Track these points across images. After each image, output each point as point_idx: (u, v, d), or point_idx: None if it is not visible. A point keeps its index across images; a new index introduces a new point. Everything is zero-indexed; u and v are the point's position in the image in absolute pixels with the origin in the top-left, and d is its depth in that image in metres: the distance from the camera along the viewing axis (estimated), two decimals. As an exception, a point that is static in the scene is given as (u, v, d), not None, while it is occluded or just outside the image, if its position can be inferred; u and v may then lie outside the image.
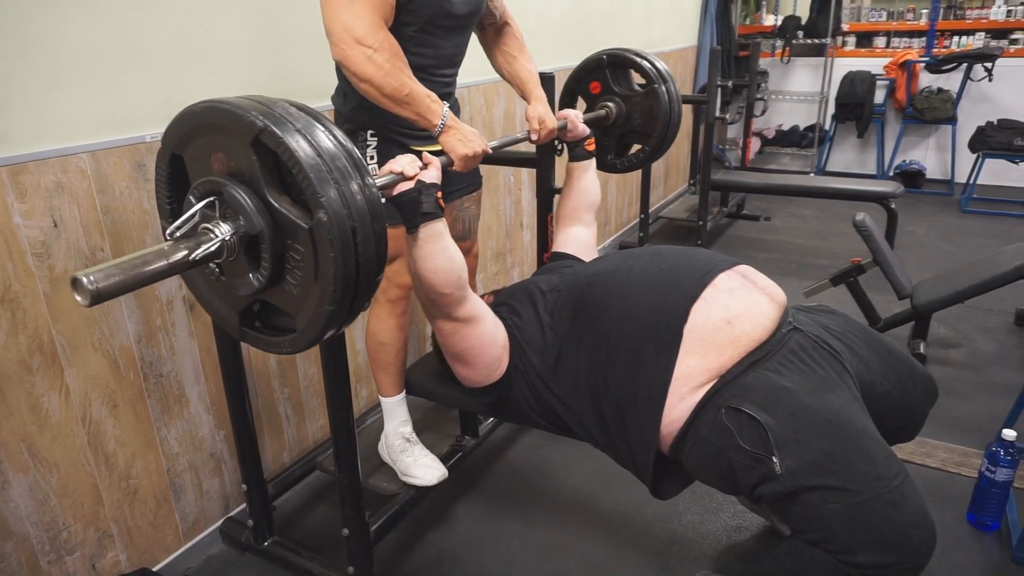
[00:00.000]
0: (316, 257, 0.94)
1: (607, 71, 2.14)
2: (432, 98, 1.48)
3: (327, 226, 0.91)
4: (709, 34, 5.11)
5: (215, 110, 0.98)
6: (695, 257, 1.37)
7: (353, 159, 0.97)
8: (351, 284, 0.96)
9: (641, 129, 2.13)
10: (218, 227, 0.96)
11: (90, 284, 0.81)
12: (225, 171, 1.00)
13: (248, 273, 1.00)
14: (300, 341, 1.03)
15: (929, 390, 1.44)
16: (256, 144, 0.94)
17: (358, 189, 0.95)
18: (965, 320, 3.04)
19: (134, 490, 1.65)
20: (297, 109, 0.98)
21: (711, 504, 1.95)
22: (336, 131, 0.98)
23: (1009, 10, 5.15)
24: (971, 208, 4.69)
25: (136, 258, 0.88)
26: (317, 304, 0.97)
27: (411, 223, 1.26)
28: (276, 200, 0.96)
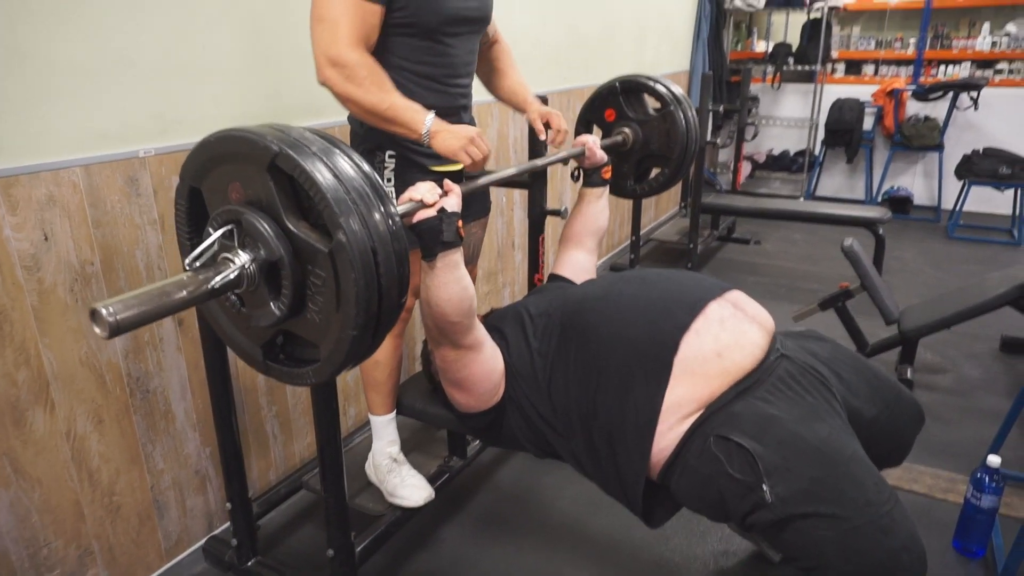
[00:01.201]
0: (337, 281, 0.93)
1: (620, 98, 2.15)
2: (414, 108, 1.48)
3: (346, 247, 0.90)
4: (701, 59, 5.18)
5: (230, 138, 0.97)
6: (685, 284, 1.38)
7: (371, 183, 0.96)
8: (374, 307, 0.94)
9: (659, 152, 2.12)
10: (237, 255, 0.95)
11: (109, 316, 0.79)
12: (243, 200, 0.99)
13: (269, 302, 0.98)
14: (324, 370, 1.01)
15: (916, 416, 1.45)
16: (272, 169, 0.93)
17: (379, 214, 0.94)
18: (951, 346, 3.06)
19: (117, 507, 1.64)
20: (313, 134, 0.97)
21: (699, 528, 1.94)
22: (354, 155, 0.97)
23: (994, 41, 5.26)
24: (957, 235, 4.75)
25: (155, 289, 0.87)
26: (340, 330, 0.95)
27: (430, 252, 1.23)
28: (295, 225, 0.95)
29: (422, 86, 1.60)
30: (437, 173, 1.70)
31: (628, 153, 2.15)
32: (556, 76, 3.29)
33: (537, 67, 3.11)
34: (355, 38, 1.44)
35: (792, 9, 5.40)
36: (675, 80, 4.95)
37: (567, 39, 3.35)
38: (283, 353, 1.08)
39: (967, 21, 5.48)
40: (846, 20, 5.93)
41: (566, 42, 3.34)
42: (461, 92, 1.68)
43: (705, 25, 5.15)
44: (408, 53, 1.55)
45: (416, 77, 1.59)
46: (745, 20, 6.13)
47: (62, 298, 1.45)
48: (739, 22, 6.08)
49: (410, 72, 1.58)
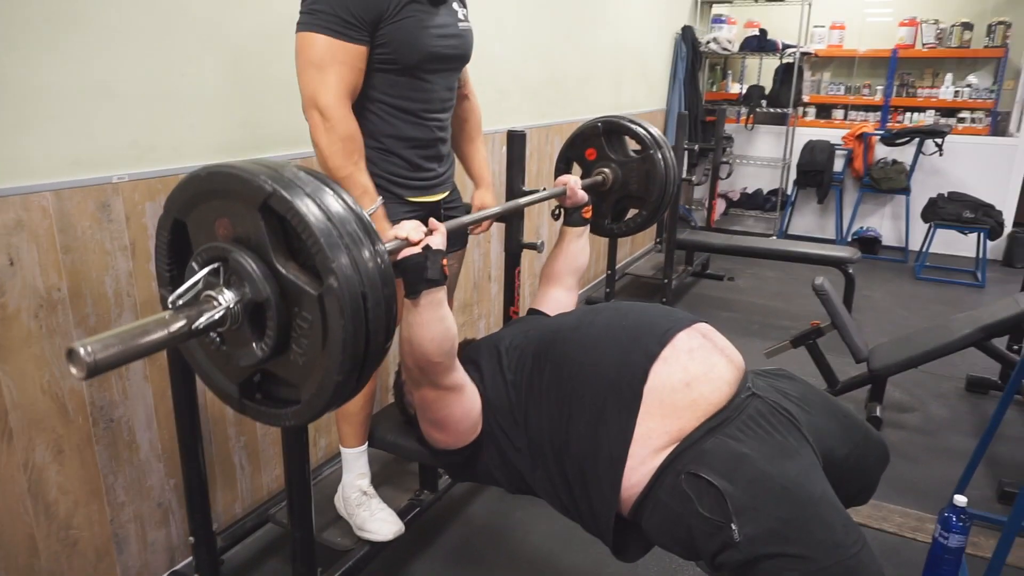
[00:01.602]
0: (325, 325, 0.91)
1: (602, 138, 2.19)
2: (366, 191, 1.53)
3: (338, 292, 0.88)
4: (677, 99, 5.30)
5: (222, 174, 0.96)
6: (655, 315, 1.39)
7: (363, 224, 0.95)
8: (360, 352, 0.93)
9: (637, 194, 2.16)
10: (222, 294, 0.93)
11: (87, 356, 0.77)
12: (231, 236, 0.97)
13: (251, 342, 0.96)
14: (304, 413, 0.99)
15: (882, 455, 1.47)
16: (264, 209, 0.92)
17: (369, 256, 0.93)
18: (919, 385, 3.11)
19: (74, 541, 1.58)
20: (306, 173, 0.96)
21: (671, 565, 1.93)
22: (345, 195, 0.96)
23: (956, 91, 5.46)
24: (924, 275, 4.86)
25: (136, 328, 0.84)
26: (324, 374, 0.93)
27: (413, 289, 1.22)
28: (283, 266, 0.93)
29: (401, 119, 1.62)
30: (415, 203, 1.72)
31: (607, 193, 2.18)
32: (534, 111, 3.34)
33: (516, 102, 3.16)
34: (343, 91, 1.49)
35: (766, 54, 5.57)
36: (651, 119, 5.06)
37: (546, 76, 3.41)
38: (260, 392, 1.06)
39: (931, 71, 5.69)
40: (817, 66, 6.13)
41: (545, 79, 3.40)
42: (439, 125, 1.71)
43: (681, 66, 5.28)
44: (388, 88, 1.58)
45: (395, 111, 1.61)
46: (720, 63, 6.30)
47: (25, 324, 1.42)
48: (714, 64, 6.25)
49: (389, 106, 1.60)
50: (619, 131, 2.20)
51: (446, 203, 1.82)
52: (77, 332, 1.51)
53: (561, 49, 3.52)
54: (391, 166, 1.64)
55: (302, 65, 1.48)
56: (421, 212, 1.75)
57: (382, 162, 1.61)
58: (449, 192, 1.83)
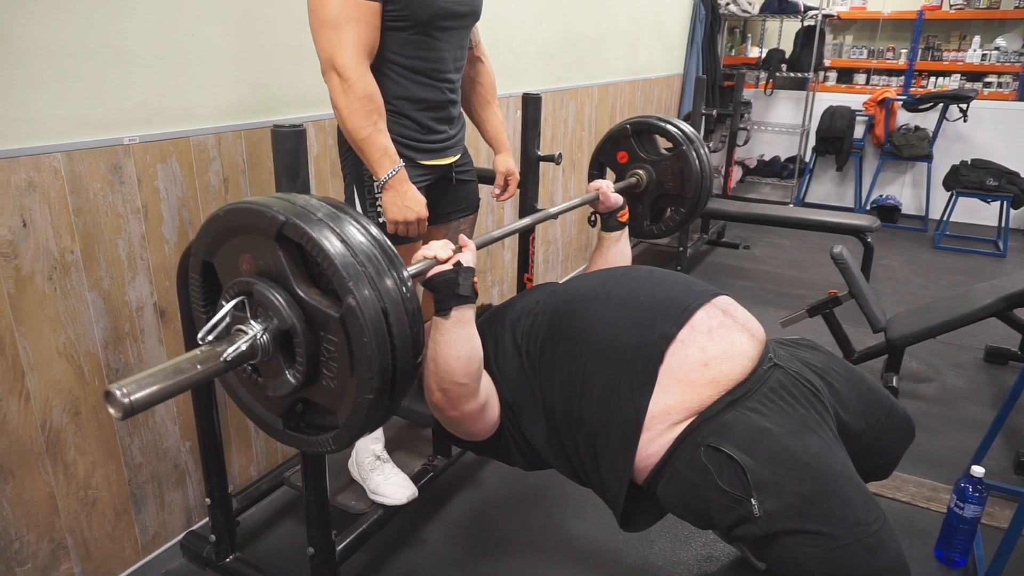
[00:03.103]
0: (350, 345, 0.93)
1: (632, 139, 2.16)
2: (386, 153, 1.51)
3: (357, 311, 0.90)
4: (695, 63, 5.19)
5: (238, 211, 0.98)
6: (675, 288, 1.35)
7: (380, 245, 0.96)
8: (389, 370, 0.94)
9: (674, 192, 2.13)
10: (249, 326, 0.95)
11: (123, 397, 0.79)
12: (254, 270, 1.00)
13: (284, 371, 0.99)
14: (343, 436, 1.01)
15: (906, 430, 1.44)
16: (280, 238, 0.94)
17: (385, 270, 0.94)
18: (937, 355, 3.08)
19: (93, 500, 1.60)
20: (318, 200, 0.98)
21: (683, 533, 1.94)
22: (360, 218, 0.98)
23: (984, 54, 5.31)
24: (944, 244, 4.79)
25: (170, 366, 0.87)
26: (356, 395, 0.95)
27: (444, 305, 1.20)
28: (305, 292, 0.95)
29: (412, 80, 1.59)
30: (426, 167, 1.69)
31: (643, 194, 2.16)
32: (549, 75, 3.28)
33: (530, 63, 3.10)
34: (360, 50, 1.46)
35: (786, 16, 5.42)
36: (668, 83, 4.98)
37: (561, 38, 3.33)
38: (303, 421, 1.08)
39: (958, 34, 5.53)
40: (839, 29, 5.97)
41: (560, 41, 3.33)
42: (450, 87, 1.68)
43: (700, 29, 5.16)
44: (399, 47, 1.55)
45: (406, 71, 1.58)
46: (740, 26, 6.15)
47: (40, 286, 1.42)
48: (733, 27, 6.10)
49: (400, 66, 1.57)
50: (649, 130, 2.18)
51: (457, 166, 1.80)
52: (91, 295, 1.51)
53: (576, 9, 3.43)
54: (402, 128, 1.62)
55: (317, 26, 1.45)
56: (433, 175, 1.73)
57: (393, 124, 1.58)
58: (460, 155, 1.80)
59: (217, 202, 1.75)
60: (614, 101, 4.02)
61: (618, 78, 4.05)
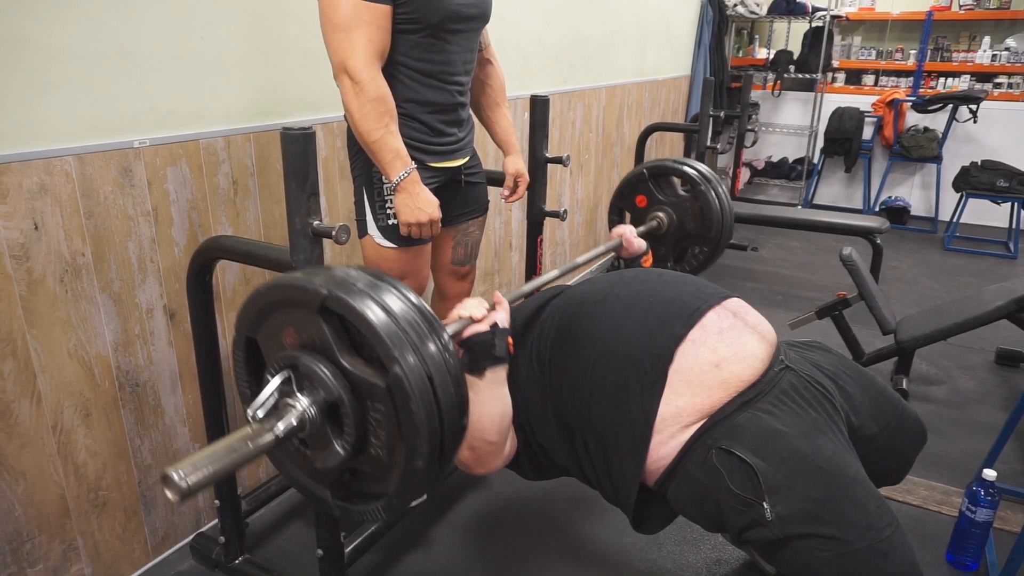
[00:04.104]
0: (397, 414, 0.93)
1: (649, 183, 2.18)
2: (398, 155, 1.51)
3: (403, 379, 0.91)
4: (702, 64, 5.17)
5: (279, 286, 1.00)
6: (684, 290, 1.34)
7: (421, 311, 0.98)
8: (437, 435, 0.95)
9: (696, 232, 2.15)
10: (297, 400, 0.96)
11: (180, 480, 0.81)
12: (297, 343, 1.01)
13: (332, 442, 1.00)
14: (394, 504, 1.02)
15: (918, 434, 1.43)
16: (323, 311, 0.95)
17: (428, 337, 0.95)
18: (947, 357, 3.06)
19: (103, 502, 1.61)
20: (357, 271, 1.00)
21: (691, 535, 1.93)
22: (399, 285, 0.99)
23: (994, 55, 5.27)
24: (954, 246, 4.75)
25: (223, 447, 0.89)
26: (406, 463, 0.96)
27: (479, 366, 1.21)
28: (350, 363, 0.96)
29: (422, 83, 1.60)
30: (436, 168, 1.70)
31: (664, 236, 2.17)
32: (556, 77, 3.28)
33: (538, 65, 3.10)
34: (371, 53, 1.47)
35: (794, 17, 5.40)
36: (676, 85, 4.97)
37: (568, 40, 3.34)
38: (351, 490, 1.09)
39: (967, 34, 5.50)
40: (847, 30, 5.94)
41: (567, 43, 3.33)
42: (459, 90, 1.69)
43: (707, 30, 5.15)
44: (409, 50, 1.55)
45: (416, 74, 1.59)
46: (747, 27, 6.13)
47: (51, 289, 1.43)
48: (741, 28, 6.09)
49: (410, 69, 1.58)
50: (665, 173, 2.20)
51: (467, 168, 1.80)
52: (102, 297, 1.52)
53: (584, 11, 3.43)
54: (412, 131, 1.62)
55: (328, 29, 1.46)
56: (442, 177, 1.73)
57: (402, 127, 1.58)
58: (469, 157, 1.80)
59: (226, 204, 1.76)
60: (622, 103, 4.02)
61: (626, 80, 4.04)
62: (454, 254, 1.90)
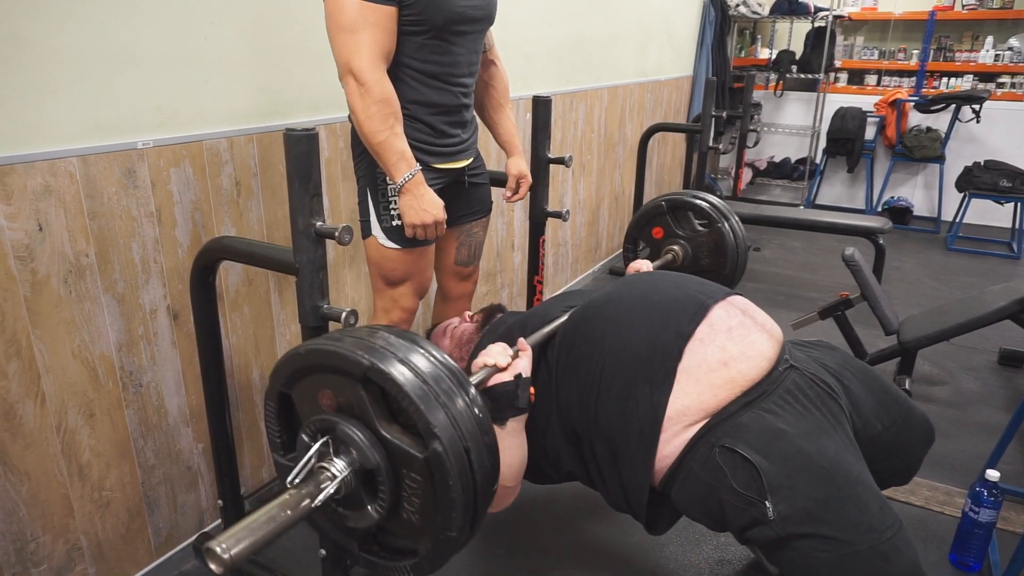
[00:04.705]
0: (434, 486, 0.95)
1: (667, 216, 2.20)
2: (403, 156, 1.52)
3: (443, 455, 0.92)
4: (705, 65, 5.17)
5: (319, 352, 1.01)
6: (688, 289, 1.35)
7: (456, 377, 0.98)
8: (471, 505, 0.96)
9: (710, 268, 2.17)
10: (333, 465, 0.97)
11: (223, 552, 0.82)
12: (334, 407, 1.02)
13: (366, 505, 1.01)
14: (423, 567, 1.03)
15: (925, 433, 1.42)
16: (364, 380, 0.96)
17: (464, 406, 0.96)
18: (950, 358, 3.06)
19: (107, 502, 1.61)
20: (396, 337, 1.01)
21: (694, 535, 1.93)
22: (434, 350, 1.00)
23: (997, 54, 5.26)
24: (956, 246, 4.75)
25: (263, 518, 0.90)
26: (439, 530, 0.97)
27: (501, 416, 1.22)
28: (387, 431, 0.97)
29: (427, 84, 1.60)
30: (440, 170, 1.70)
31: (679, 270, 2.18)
32: (559, 77, 3.28)
33: (540, 66, 3.10)
34: (376, 54, 1.47)
35: (796, 17, 5.40)
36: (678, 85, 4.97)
37: (571, 41, 3.34)
38: (377, 544, 1.10)
39: (970, 34, 5.49)
40: (850, 30, 5.94)
41: (569, 43, 3.33)
42: (463, 91, 1.69)
43: (709, 31, 5.14)
44: (414, 51, 1.56)
45: (421, 75, 1.59)
46: (749, 27, 6.13)
47: (55, 290, 1.43)
48: (743, 29, 6.08)
49: (415, 71, 1.58)
50: (683, 207, 2.22)
51: (470, 169, 1.80)
52: (106, 298, 1.53)
53: (586, 12, 3.43)
54: (416, 132, 1.62)
55: (334, 31, 1.46)
56: (446, 179, 1.74)
57: (407, 128, 1.59)
58: (473, 159, 1.81)
59: (229, 205, 1.76)
60: (623, 103, 4.02)
61: (627, 80, 4.04)
62: (458, 255, 1.90)
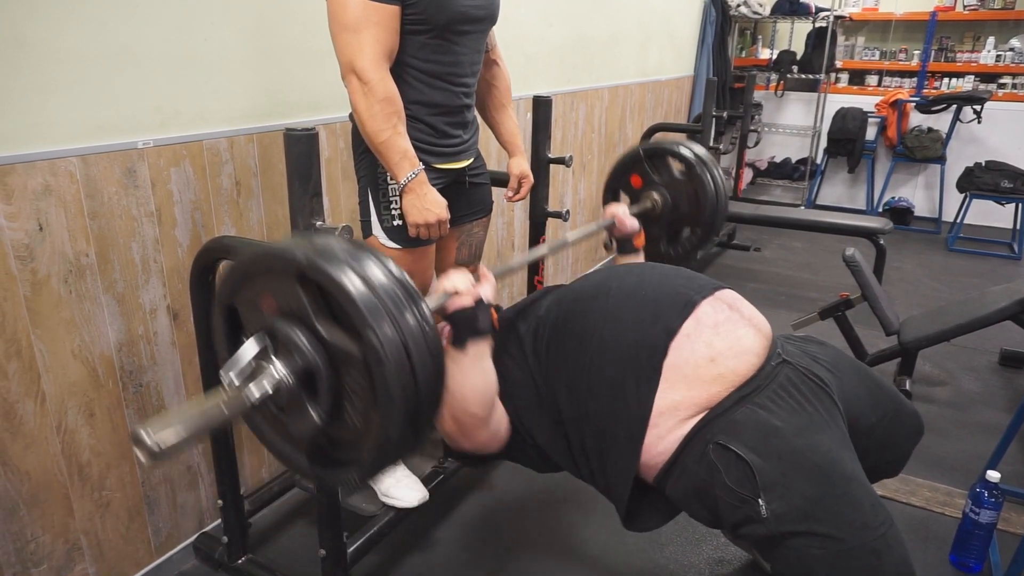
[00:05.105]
0: (372, 384, 0.93)
1: (645, 164, 2.17)
2: (406, 156, 1.51)
3: (379, 350, 0.90)
4: (705, 65, 5.17)
5: (259, 254, 1.00)
6: (677, 283, 1.34)
7: (402, 284, 0.97)
8: (412, 406, 0.94)
9: (689, 214, 2.13)
10: (273, 366, 0.96)
11: (150, 439, 0.80)
12: (275, 310, 1.00)
13: (308, 409, 0.99)
14: (368, 471, 1.02)
15: (915, 427, 1.44)
16: (301, 278, 0.95)
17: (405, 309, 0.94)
18: (951, 358, 3.05)
19: (107, 502, 1.61)
20: (339, 241, 0.99)
21: (693, 536, 1.93)
22: (380, 256, 0.99)
23: (998, 55, 5.26)
24: (957, 247, 4.74)
25: (196, 412, 0.88)
26: (380, 432, 0.96)
27: (460, 340, 1.21)
28: (327, 331, 0.95)
29: (429, 84, 1.60)
30: (440, 170, 1.70)
31: (658, 217, 2.16)
32: (560, 77, 3.28)
33: (541, 66, 3.10)
34: (379, 53, 1.46)
35: (797, 18, 5.40)
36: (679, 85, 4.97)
37: (571, 40, 3.34)
38: (328, 456, 1.09)
39: (971, 35, 5.48)
40: (851, 30, 5.93)
41: (570, 43, 3.33)
42: (465, 91, 1.69)
43: (710, 31, 5.14)
44: (417, 51, 1.55)
45: (423, 75, 1.59)
46: (750, 27, 6.12)
47: (55, 289, 1.43)
48: (744, 29, 6.08)
49: (418, 70, 1.58)
50: (661, 154, 2.18)
51: (471, 170, 1.80)
52: (106, 298, 1.53)
53: (587, 12, 3.43)
54: (417, 132, 1.62)
55: (336, 30, 1.46)
56: (447, 179, 1.74)
57: (408, 128, 1.58)
58: (474, 159, 1.81)
59: (229, 205, 1.76)
60: (624, 103, 4.02)
61: (628, 80, 4.04)
62: (458, 255, 1.90)
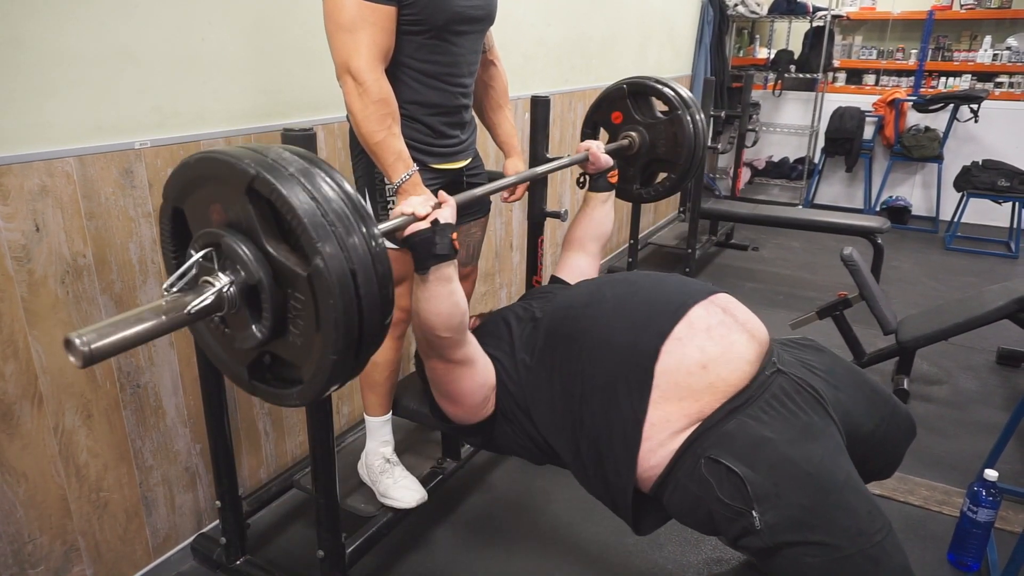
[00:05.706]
0: (316, 305, 0.92)
1: (628, 100, 2.11)
2: (400, 157, 1.50)
3: (324, 272, 0.88)
4: (703, 64, 5.17)
5: (208, 160, 0.97)
6: (670, 288, 1.33)
7: (353, 203, 0.94)
8: (355, 331, 0.93)
9: (666, 157, 2.08)
10: (217, 278, 0.94)
11: (83, 345, 0.78)
12: (224, 221, 0.98)
13: (251, 325, 0.98)
14: (308, 392, 1.01)
15: (909, 429, 1.44)
16: (250, 192, 0.92)
17: (357, 234, 0.92)
18: (948, 357, 3.06)
19: (104, 503, 1.61)
20: (291, 154, 0.96)
21: (692, 536, 1.93)
22: (334, 175, 0.96)
23: (995, 54, 5.27)
24: (955, 246, 4.75)
25: (131, 316, 0.85)
26: (321, 354, 0.94)
27: (422, 264, 1.21)
28: (274, 248, 0.93)
29: (426, 84, 1.59)
30: (438, 170, 1.69)
31: (634, 157, 2.12)
32: (558, 77, 3.28)
33: (540, 65, 3.09)
34: (375, 54, 1.46)
35: (795, 17, 5.40)
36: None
37: (570, 40, 3.33)
38: (270, 373, 1.08)
39: (969, 34, 5.49)
40: (848, 29, 5.94)
41: (569, 43, 3.32)
42: (463, 92, 1.68)
43: (708, 30, 5.14)
44: (414, 51, 1.55)
45: (420, 75, 1.58)
46: (748, 27, 6.13)
47: (52, 290, 1.43)
48: (742, 28, 6.08)
49: (415, 71, 1.57)
50: (645, 92, 2.12)
51: (468, 170, 1.80)
52: (103, 299, 1.52)
53: (585, 12, 3.43)
54: (414, 132, 1.62)
55: (332, 30, 1.45)
56: (444, 179, 1.73)
57: (405, 128, 1.58)
58: (471, 159, 1.80)
59: (227, 206, 1.76)
60: (622, 103, 4.01)
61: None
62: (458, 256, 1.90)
